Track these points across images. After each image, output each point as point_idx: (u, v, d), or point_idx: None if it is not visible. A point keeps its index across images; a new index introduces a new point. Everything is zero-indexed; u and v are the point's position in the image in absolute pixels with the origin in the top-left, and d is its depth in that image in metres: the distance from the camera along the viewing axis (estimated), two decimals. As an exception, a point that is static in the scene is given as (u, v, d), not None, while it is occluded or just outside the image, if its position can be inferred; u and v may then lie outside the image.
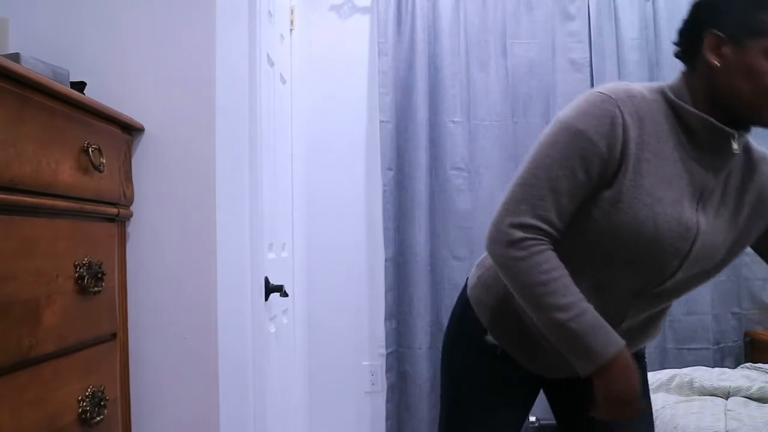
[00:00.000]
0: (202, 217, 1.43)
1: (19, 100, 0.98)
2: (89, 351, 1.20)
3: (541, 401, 2.93)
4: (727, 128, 1.00)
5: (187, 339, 1.42)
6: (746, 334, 2.88)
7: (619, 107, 0.97)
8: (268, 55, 2.04)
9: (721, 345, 2.86)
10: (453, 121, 2.79)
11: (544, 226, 1.00)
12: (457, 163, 2.79)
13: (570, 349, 1.01)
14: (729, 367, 2.63)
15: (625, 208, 0.98)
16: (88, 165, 1.18)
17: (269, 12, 2.09)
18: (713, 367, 2.48)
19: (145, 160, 1.43)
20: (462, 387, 1.30)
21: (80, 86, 1.33)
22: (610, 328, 1.01)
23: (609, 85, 1.02)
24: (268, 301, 1.94)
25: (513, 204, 1.01)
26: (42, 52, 1.27)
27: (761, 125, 1.01)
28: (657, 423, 2.00)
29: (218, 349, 1.43)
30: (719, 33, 0.99)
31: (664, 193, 0.99)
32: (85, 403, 1.14)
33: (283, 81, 2.42)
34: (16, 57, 1.09)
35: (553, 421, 2.92)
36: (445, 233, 2.78)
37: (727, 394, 2.12)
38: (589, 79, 2.89)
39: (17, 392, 0.96)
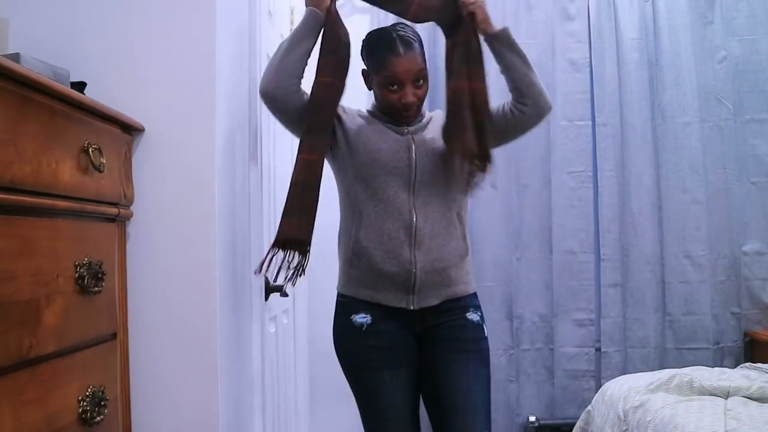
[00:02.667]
0: (202, 217, 1.43)
1: (20, 100, 0.98)
2: (89, 351, 1.20)
3: (541, 401, 2.92)
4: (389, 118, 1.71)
5: (187, 339, 1.42)
6: (746, 334, 2.88)
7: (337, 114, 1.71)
8: (268, 55, 2.04)
9: (721, 345, 2.87)
10: (453, 121, 2.80)
11: None
12: (456, 163, 2.80)
13: (299, 36, 1.62)
14: (729, 367, 2.63)
15: (359, 147, 1.66)
16: (88, 165, 1.18)
17: (269, 12, 2.09)
18: (713, 367, 2.48)
19: (145, 160, 1.43)
20: (356, 367, 1.68)
21: (80, 86, 1.33)
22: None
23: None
24: (268, 301, 1.94)
25: None
26: (42, 52, 1.27)
27: (400, 118, 1.69)
28: (656, 423, 2.00)
29: (218, 349, 1.43)
30: (367, 69, 1.72)
31: (372, 136, 1.68)
32: (85, 403, 1.14)
33: (283, 81, 2.42)
34: (16, 57, 1.09)
35: (553, 421, 2.94)
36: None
37: (726, 394, 2.12)
38: (588, 79, 2.89)
39: (17, 392, 0.96)
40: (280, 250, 1.57)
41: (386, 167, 1.64)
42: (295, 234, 1.58)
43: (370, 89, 1.76)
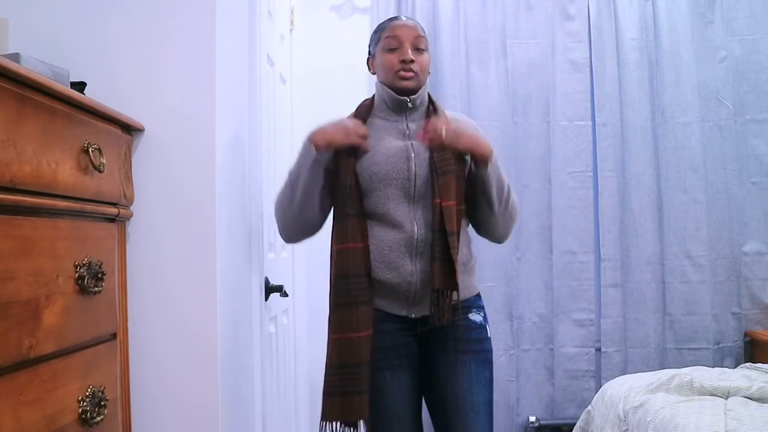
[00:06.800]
0: (201, 217, 1.43)
1: (19, 100, 0.98)
2: (89, 351, 1.20)
3: (541, 401, 2.91)
4: (398, 96, 1.69)
5: (187, 339, 1.42)
6: (746, 334, 2.89)
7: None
8: (268, 55, 2.04)
9: (721, 345, 2.87)
10: (453, 121, 2.80)
11: None
12: (456, 163, 2.80)
13: (303, 168, 1.60)
14: (729, 367, 2.63)
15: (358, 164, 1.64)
16: (88, 165, 1.18)
17: (269, 12, 2.10)
18: (713, 367, 2.48)
19: (145, 160, 1.43)
20: None
21: (80, 86, 1.33)
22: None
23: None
24: (268, 301, 1.94)
25: None
26: (42, 52, 1.27)
27: (398, 92, 1.68)
28: (656, 423, 2.00)
29: (218, 349, 1.43)
30: (370, 52, 1.78)
31: (379, 140, 1.67)
32: (85, 403, 1.14)
33: (283, 81, 2.42)
34: (16, 57, 1.09)
35: (553, 421, 2.94)
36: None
37: (726, 394, 2.12)
38: (588, 79, 2.89)
39: (17, 392, 0.96)
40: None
41: (385, 180, 1.62)
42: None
43: (373, 73, 1.78)
